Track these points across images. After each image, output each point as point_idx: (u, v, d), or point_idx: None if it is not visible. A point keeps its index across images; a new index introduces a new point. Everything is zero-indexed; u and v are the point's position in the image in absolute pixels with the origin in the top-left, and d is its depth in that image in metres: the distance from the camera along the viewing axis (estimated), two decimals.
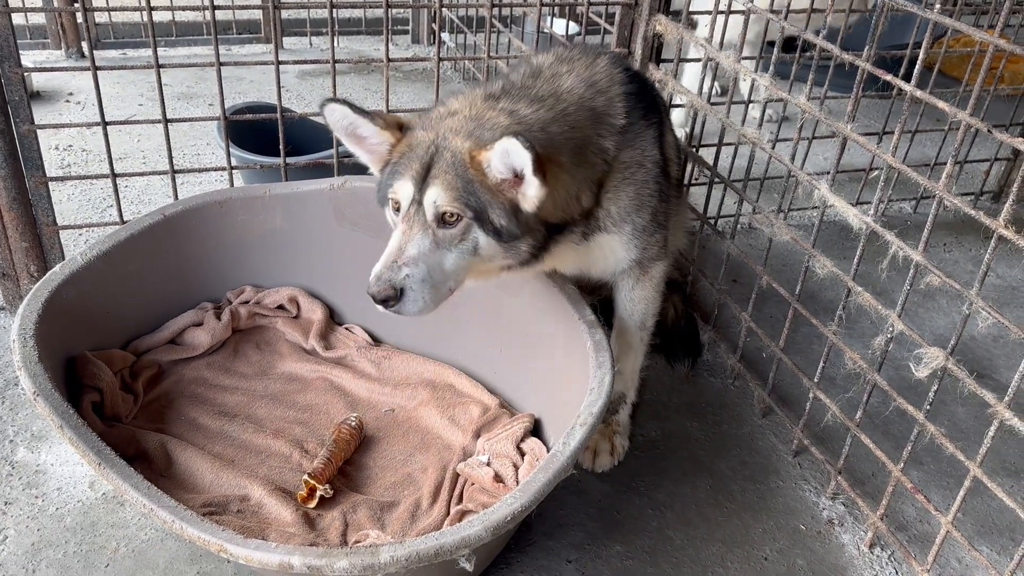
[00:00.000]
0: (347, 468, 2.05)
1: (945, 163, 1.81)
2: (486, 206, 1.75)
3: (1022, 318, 3.06)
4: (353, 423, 2.10)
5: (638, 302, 2.25)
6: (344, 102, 1.82)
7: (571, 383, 1.91)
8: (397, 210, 1.82)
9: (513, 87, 1.96)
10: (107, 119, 2.45)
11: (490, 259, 1.82)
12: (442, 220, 1.75)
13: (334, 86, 2.54)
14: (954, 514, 1.80)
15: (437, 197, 1.74)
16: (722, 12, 2.67)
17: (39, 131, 2.40)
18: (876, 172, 3.59)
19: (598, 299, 2.51)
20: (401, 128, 1.88)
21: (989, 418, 1.67)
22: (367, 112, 1.84)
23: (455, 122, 1.83)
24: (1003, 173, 3.87)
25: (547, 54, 2.10)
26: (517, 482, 1.88)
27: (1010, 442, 2.38)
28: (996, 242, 1.63)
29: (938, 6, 1.76)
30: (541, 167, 1.68)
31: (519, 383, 2.22)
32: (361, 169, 2.67)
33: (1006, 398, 1.63)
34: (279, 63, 2.49)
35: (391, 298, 1.71)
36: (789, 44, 4.17)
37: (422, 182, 1.76)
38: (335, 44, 2.54)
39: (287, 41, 5.21)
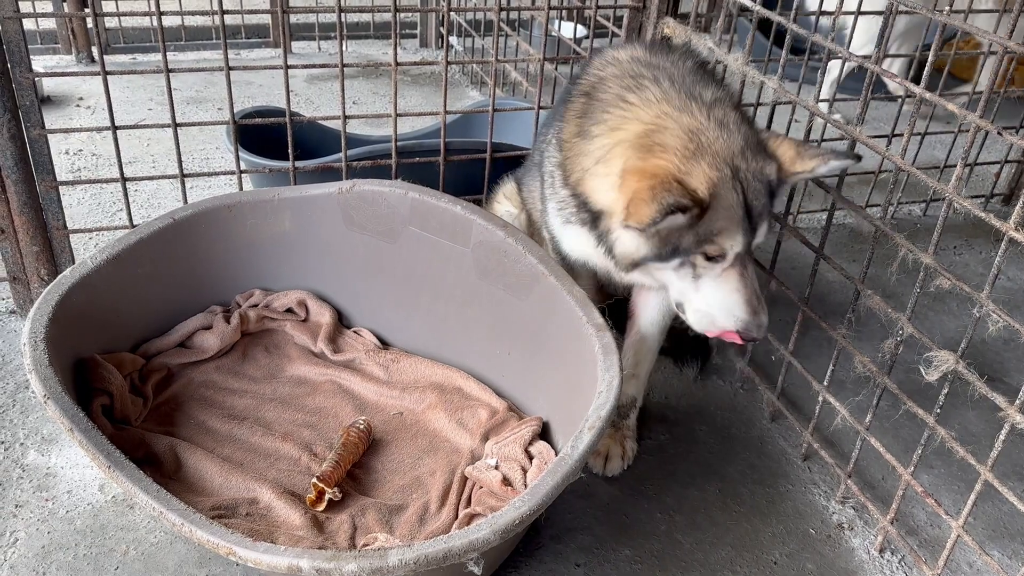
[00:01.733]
0: (355, 471, 2.06)
1: (955, 165, 1.80)
2: None
3: None
4: (361, 426, 2.10)
5: (668, 310, 2.24)
6: (686, 210, 1.65)
7: (579, 386, 1.91)
8: (711, 258, 1.77)
9: (674, 77, 1.89)
10: (117, 123, 2.46)
11: None
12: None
13: (342, 90, 2.55)
14: (965, 518, 1.79)
15: (764, 232, 1.79)
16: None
17: (49, 135, 2.42)
18: (885, 174, 3.59)
19: (608, 303, 2.51)
20: (686, 188, 1.68)
21: (1000, 421, 1.66)
22: (690, 207, 1.65)
23: (725, 143, 1.74)
24: (1013, 175, 3.85)
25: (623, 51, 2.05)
26: (525, 485, 1.88)
27: (1021, 445, 2.37)
28: (1007, 245, 1.62)
29: (947, 8, 1.75)
30: None
31: (527, 386, 2.22)
32: (369, 173, 2.69)
33: (1017, 401, 1.62)
34: (288, 67, 2.50)
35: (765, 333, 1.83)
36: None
37: (750, 226, 1.75)
38: (344, 48, 2.55)
39: (296, 45, 5.23)
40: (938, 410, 1.85)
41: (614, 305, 2.63)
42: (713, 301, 1.82)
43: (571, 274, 2.26)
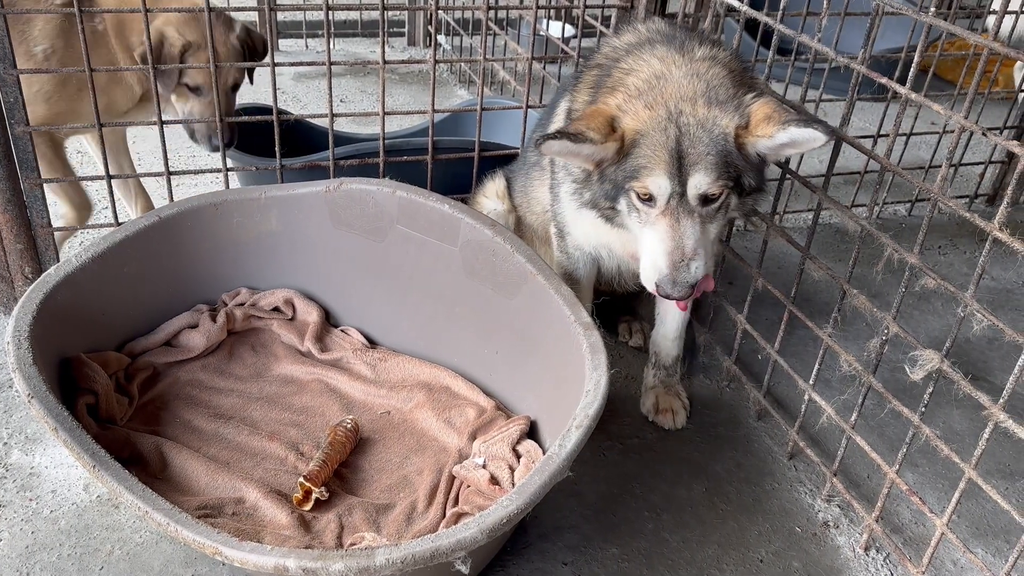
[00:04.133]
0: (342, 471, 2.05)
1: (940, 166, 1.81)
2: (741, 172, 1.77)
3: (1016, 320, 3.07)
4: (349, 425, 2.10)
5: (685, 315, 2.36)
6: (562, 136, 1.73)
7: (567, 385, 1.91)
8: (645, 200, 1.79)
9: (676, 37, 1.94)
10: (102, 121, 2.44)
11: (730, 214, 1.89)
12: (705, 199, 1.77)
13: (330, 88, 2.54)
14: (949, 516, 1.81)
15: (702, 183, 1.74)
16: None
17: (34, 133, 2.40)
18: (871, 174, 3.61)
19: (595, 302, 2.51)
20: (614, 124, 1.78)
21: (984, 420, 1.67)
22: (582, 135, 1.74)
23: (679, 87, 1.77)
24: (997, 176, 3.88)
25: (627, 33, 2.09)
26: (513, 484, 1.88)
27: (1005, 444, 2.39)
28: (991, 245, 1.64)
29: (933, 9, 1.77)
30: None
31: (515, 385, 2.22)
32: (356, 172, 2.69)
33: (1000, 400, 1.64)
34: (275, 65, 2.49)
35: (689, 293, 1.77)
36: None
37: (678, 171, 1.73)
38: (331, 46, 2.54)
39: (283, 43, 5.21)
40: (923, 409, 1.86)
41: (601, 304, 2.64)
42: (644, 249, 1.82)
43: (571, 283, 2.28)
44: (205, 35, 2.43)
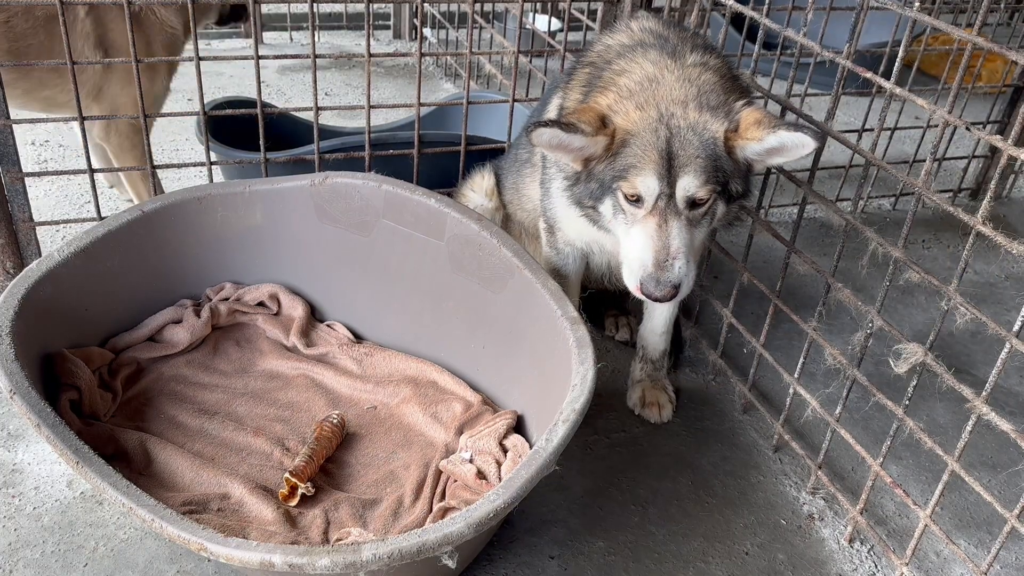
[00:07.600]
0: (329, 466, 2.04)
1: (924, 160, 1.82)
2: (729, 177, 1.78)
3: (999, 314, 3.09)
4: (335, 420, 2.09)
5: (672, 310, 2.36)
6: (553, 124, 1.73)
7: (554, 380, 1.91)
8: (633, 201, 1.80)
9: (669, 40, 1.94)
10: (84, 113, 2.42)
11: (716, 223, 1.89)
12: (693, 203, 1.78)
13: (315, 82, 2.53)
14: (932, 508, 1.82)
15: (691, 186, 1.75)
16: None
17: (15, 126, 2.37)
18: (856, 169, 3.63)
19: (582, 296, 2.51)
20: (605, 121, 1.79)
21: (967, 413, 1.68)
22: (574, 126, 1.74)
23: (671, 91, 1.79)
24: (981, 170, 3.91)
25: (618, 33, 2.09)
26: (500, 479, 1.88)
27: (987, 436, 2.41)
28: (974, 239, 1.65)
29: (917, 4, 1.77)
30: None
31: (502, 380, 2.22)
32: (342, 165, 2.67)
33: (983, 393, 1.65)
34: (259, 58, 2.47)
35: (673, 294, 1.77)
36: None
37: (668, 172, 1.74)
38: (316, 39, 2.53)
39: (267, 36, 5.18)
40: (907, 402, 1.87)
41: (589, 299, 2.64)
42: (629, 248, 1.83)
43: (559, 278, 2.27)
44: None
